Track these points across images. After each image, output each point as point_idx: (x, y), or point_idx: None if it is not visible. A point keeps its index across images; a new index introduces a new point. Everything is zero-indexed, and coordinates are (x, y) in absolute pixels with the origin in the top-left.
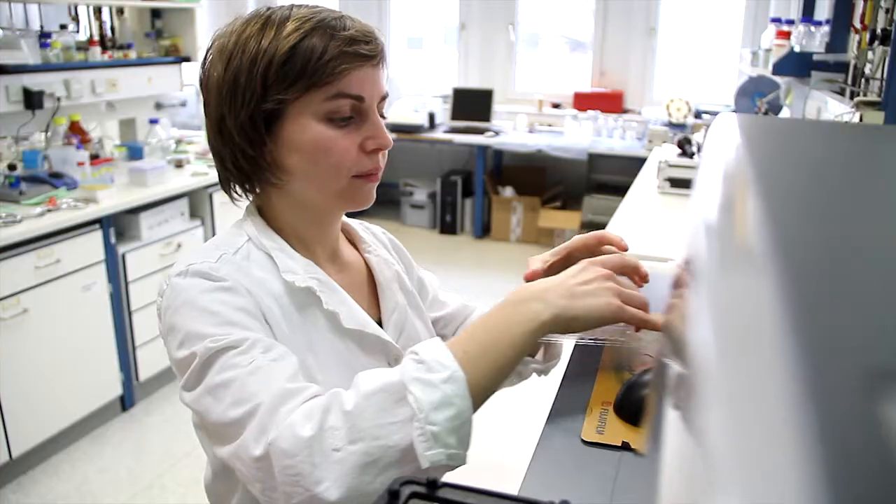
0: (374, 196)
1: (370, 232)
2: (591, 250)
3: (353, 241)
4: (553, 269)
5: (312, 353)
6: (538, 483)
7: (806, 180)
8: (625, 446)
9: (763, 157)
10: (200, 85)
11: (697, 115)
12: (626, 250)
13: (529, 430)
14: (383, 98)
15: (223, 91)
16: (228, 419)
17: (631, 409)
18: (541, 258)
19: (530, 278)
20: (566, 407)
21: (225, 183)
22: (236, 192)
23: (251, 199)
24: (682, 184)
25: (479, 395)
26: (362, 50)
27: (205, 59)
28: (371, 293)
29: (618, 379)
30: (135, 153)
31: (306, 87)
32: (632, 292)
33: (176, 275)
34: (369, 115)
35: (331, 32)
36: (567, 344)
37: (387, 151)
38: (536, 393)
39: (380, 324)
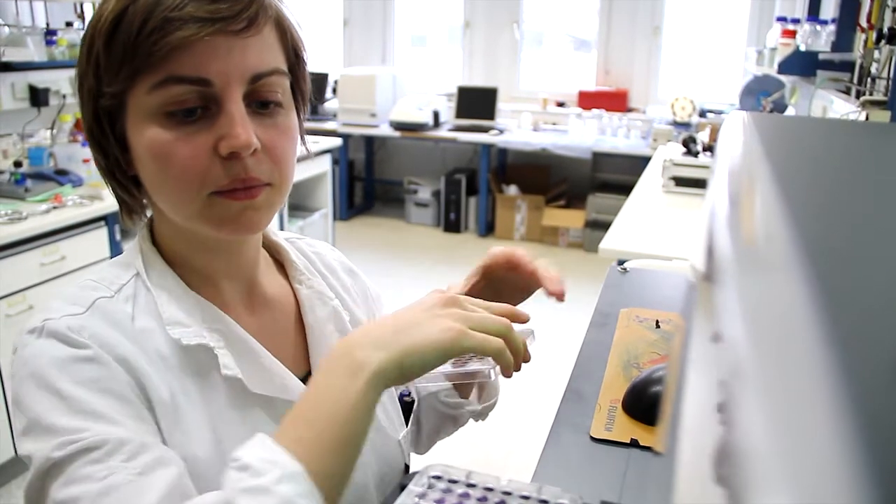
0: (258, 220)
1: (307, 254)
2: (501, 271)
3: (282, 264)
4: (474, 293)
5: (212, 430)
6: (548, 479)
7: (824, 177)
8: (633, 443)
9: (779, 154)
10: None
11: (702, 114)
12: (532, 272)
13: (538, 427)
14: (261, 77)
15: (75, 85)
16: None
17: (639, 406)
18: (458, 285)
19: None
20: (575, 404)
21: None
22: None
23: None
24: (686, 182)
25: (331, 481)
26: (202, 12)
27: None
28: (302, 334)
29: (626, 376)
30: None
31: (131, 72)
32: (485, 315)
33: (28, 331)
34: (223, 104)
35: None
36: (430, 387)
37: (288, 156)
38: (545, 390)
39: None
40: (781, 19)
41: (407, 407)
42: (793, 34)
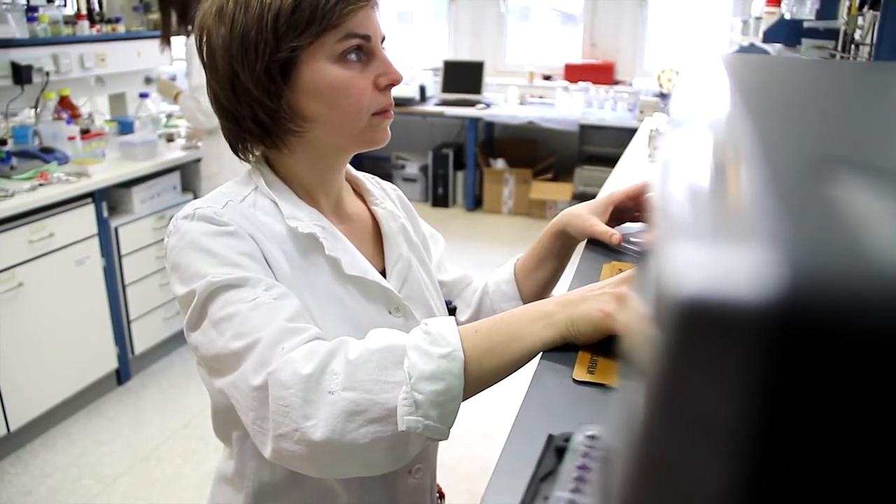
0: (390, 134)
1: (379, 186)
2: (636, 200)
3: (360, 194)
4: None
5: (313, 295)
6: (531, 420)
7: (789, 97)
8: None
9: (745, 82)
10: (199, 52)
11: None
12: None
13: (521, 376)
14: (383, 39)
15: (232, 49)
16: (229, 350)
17: (619, 347)
18: (596, 220)
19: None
20: (558, 351)
21: (238, 144)
22: (252, 153)
23: (260, 151)
24: None
25: (476, 379)
26: None
27: (201, 25)
28: (375, 245)
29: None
30: (125, 127)
31: (317, 32)
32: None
33: (182, 217)
34: (376, 52)
35: None
36: None
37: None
38: None
39: (384, 274)
40: None
41: (450, 312)
42: (777, 3)
